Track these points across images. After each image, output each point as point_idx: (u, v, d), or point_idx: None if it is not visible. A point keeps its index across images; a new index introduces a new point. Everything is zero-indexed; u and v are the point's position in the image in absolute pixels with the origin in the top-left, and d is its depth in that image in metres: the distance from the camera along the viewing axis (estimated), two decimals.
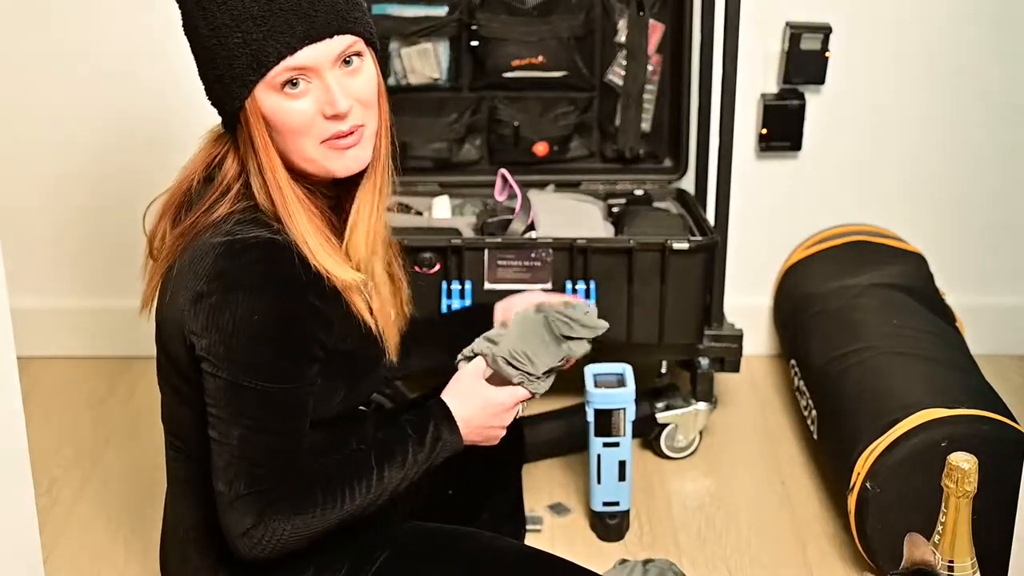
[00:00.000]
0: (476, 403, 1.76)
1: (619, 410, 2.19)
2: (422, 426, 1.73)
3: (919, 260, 2.70)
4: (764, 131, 2.70)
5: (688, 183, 2.67)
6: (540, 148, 2.65)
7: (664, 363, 2.49)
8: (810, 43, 2.62)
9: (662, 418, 2.46)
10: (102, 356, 2.85)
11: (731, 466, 2.49)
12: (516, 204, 2.43)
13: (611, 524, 2.26)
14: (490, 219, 2.45)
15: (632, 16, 2.60)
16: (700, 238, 2.42)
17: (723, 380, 2.67)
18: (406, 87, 2.60)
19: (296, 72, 1.61)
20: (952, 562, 1.68)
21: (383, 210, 1.76)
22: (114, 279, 2.79)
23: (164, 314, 1.69)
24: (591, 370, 2.21)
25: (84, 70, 2.68)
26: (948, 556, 1.67)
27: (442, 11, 2.57)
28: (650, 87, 2.64)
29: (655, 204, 2.61)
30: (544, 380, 1.84)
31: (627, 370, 2.22)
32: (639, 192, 2.65)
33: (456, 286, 2.36)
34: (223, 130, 1.70)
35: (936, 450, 2.01)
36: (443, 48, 2.61)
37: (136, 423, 2.61)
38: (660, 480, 2.44)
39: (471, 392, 1.77)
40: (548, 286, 2.37)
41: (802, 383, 2.48)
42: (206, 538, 1.74)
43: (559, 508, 2.34)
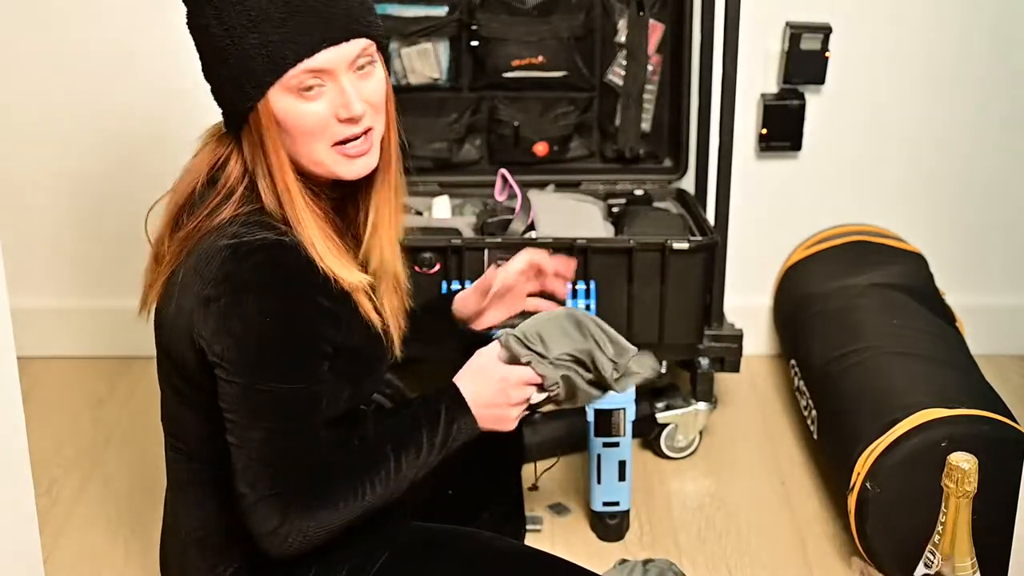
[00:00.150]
0: (485, 382, 1.74)
1: (619, 410, 2.19)
2: (435, 410, 1.72)
3: (919, 260, 2.70)
4: (764, 131, 2.70)
5: (688, 183, 2.67)
6: (540, 148, 2.64)
7: (664, 363, 2.49)
8: (810, 43, 2.62)
9: (662, 418, 2.46)
10: (102, 356, 2.85)
11: (731, 466, 2.49)
12: (516, 204, 2.43)
13: (611, 524, 2.26)
14: (490, 219, 2.45)
15: (632, 16, 2.60)
16: (700, 238, 2.42)
17: (723, 380, 2.67)
18: (406, 87, 2.60)
19: (313, 74, 1.60)
20: (952, 562, 1.68)
21: (401, 211, 1.77)
22: (114, 279, 2.78)
23: (168, 317, 1.68)
24: None
25: (84, 70, 2.68)
26: (948, 556, 1.67)
27: (442, 11, 2.57)
28: (650, 87, 2.64)
29: (655, 204, 2.61)
30: (555, 366, 1.77)
31: None
32: (639, 192, 2.65)
33: (456, 286, 2.36)
34: (224, 131, 1.69)
35: (936, 450, 2.01)
36: (443, 48, 2.61)
37: (136, 423, 2.61)
38: (660, 480, 2.44)
39: (481, 372, 1.75)
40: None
41: (802, 383, 2.48)
42: (207, 539, 1.74)
43: (559, 508, 2.34)
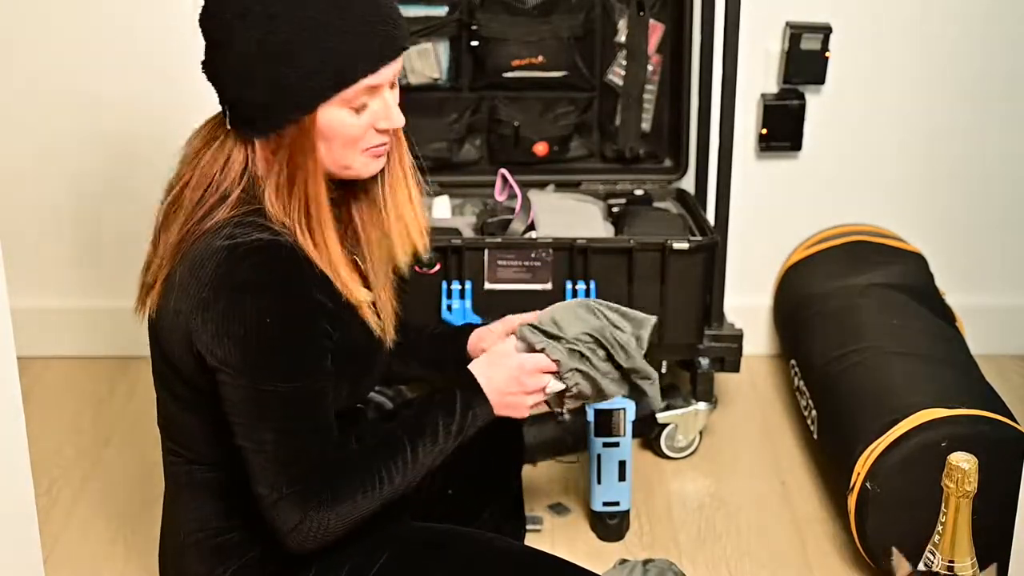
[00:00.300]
0: (500, 368, 1.75)
1: (619, 410, 2.19)
2: (449, 397, 1.73)
3: (919, 260, 2.70)
4: (764, 131, 2.70)
5: (688, 183, 2.67)
6: (540, 148, 2.64)
7: (664, 363, 2.49)
8: (810, 43, 2.62)
9: (662, 418, 2.46)
10: (102, 356, 2.85)
11: (731, 466, 2.49)
12: (516, 204, 2.43)
13: (611, 524, 2.26)
14: (490, 219, 2.45)
15: (632, 16, 2.60)
16: (700, 238, 2.42)
17: (723, 380, 2.67)
18: (406, 87, 2.60)
19: (369, 90, 1.64)
20: (952, 562, 1.68)
21: (419, 195, 1.80)
22: (114, 279, 2.78)
23: (164, 321, 1.67)
24: None
25: (85, 69, 2.67)
26: (948, 556, 1.67)
27: (442, 11, 2.57)
28: (650, 87, 2.64)
29: (655, 204, 2.61)
30: (570, 352, 1.77)
31: None
32: (639, 192, 2.65)
33: (456, 286, 2.36)
34: (226, 130, 1.67)
35: (936, 450, 2.01)
36: (443, 48, 2.61)
37: (136, 423, 2.61)
38: (660, 480, 2.44)
39: (496, 360, 1.77)
40: (548, 286, 2.37)
41: (802, 383, 2.48)
42: (205, 542, 1.74)
43: (559, 508, 2.34)
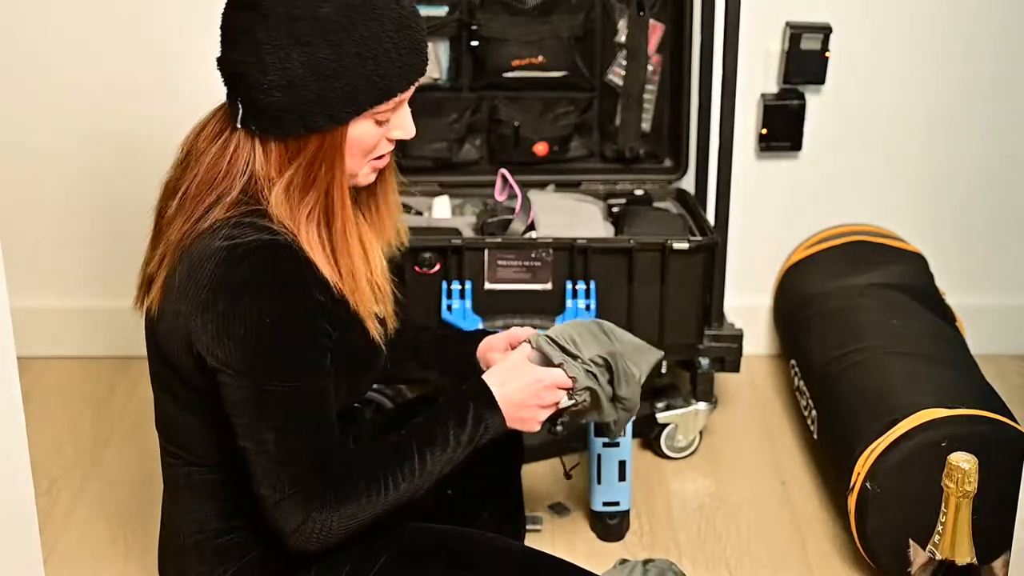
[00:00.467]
0: (514, 381, 1.75)
1: None
2: (461, 407, 1.72)
3: (919, 260, 2.70)
4: (764, 131, 2.70)
5: (688, 183, 2.67)
6: (540, 148, 2.64)
7: (664, 363, 2.49)
8: (810, 43, 2.62)
9: (662, 418, 2.46)
10: (102, 356, 2.85)
11: (731, 466, 2.49)
12: (516, 204, 2.43)
13: (611, 524, 2.26)
14: (490, 219, 2.45)
15: (632, 16, 2.60)
16: (700, 238, 2.42)
17: (723, 380, 2.67)
18: None
19: (398, 105, 1.68)
20: (952, 562, 1.67)
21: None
22: (114, 279, 2.78)
23: (163, 322, 1.67)
24: None
25: (85, 70, 2.67)
26: (948, 556, 1.67)
27: (442, 11, 2.57)
28: (650, 87, 2.64)
29: (655, 204, 2.61)
30: (586, 371, 1.78)
31: None
32: (639, 192, 2.65)
33: (456, 286, 2.36)
34: (235, 129, 1.67)
35: (936, 450, 2.01)
36: (443, 48, 2.61)
37: (136, 423, 2.61)
38: (660, 480, 2.44)
39: (511, 371, 1.76)
40: (548, 286, 2.37)
41: (802, 383, 2.48)
42: (205, 543, 1.74)
43: (559, 508, 2.34)
